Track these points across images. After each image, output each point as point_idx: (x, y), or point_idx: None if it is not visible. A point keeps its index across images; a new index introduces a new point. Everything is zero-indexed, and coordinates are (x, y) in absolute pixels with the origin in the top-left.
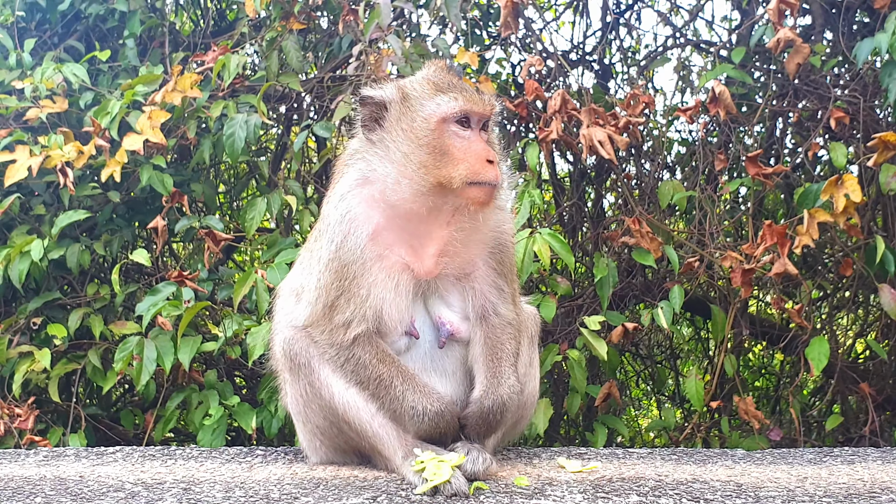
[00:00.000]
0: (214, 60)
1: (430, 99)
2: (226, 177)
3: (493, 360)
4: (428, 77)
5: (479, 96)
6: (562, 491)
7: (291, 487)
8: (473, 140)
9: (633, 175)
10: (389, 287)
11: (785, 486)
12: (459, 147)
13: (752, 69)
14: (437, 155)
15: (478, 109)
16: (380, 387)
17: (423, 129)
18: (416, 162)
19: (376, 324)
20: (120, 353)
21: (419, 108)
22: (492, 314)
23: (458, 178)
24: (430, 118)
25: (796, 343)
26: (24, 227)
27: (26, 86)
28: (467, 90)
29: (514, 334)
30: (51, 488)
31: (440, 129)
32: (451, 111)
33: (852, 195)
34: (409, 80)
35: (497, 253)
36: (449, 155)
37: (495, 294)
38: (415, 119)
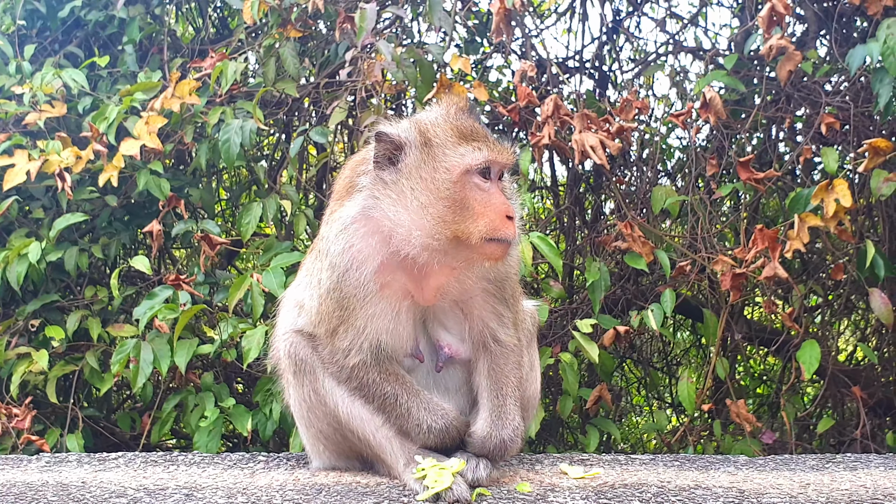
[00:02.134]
0: (212, 67)
1: (454, 148)
2: (228, 183)
3: (497, 397)
4: (450, 122)
5: (502, 145)
6: (564, 497)
7: (294, 493)
8: (494, 193)
9: (624, 180)
10: (390, 317)
11: (787, 493)
12: (480, 200)
13: (746, 76)
14: (457, 209)
15: (501, 160)
16: (385, 403)
17: (445, 180)
18: (435, 215)
19: (376, 353)
20: (117, 356)
21: (442, 157)
22: (491, 341)
23: (477, 234)
24: (453, 169)
25: (788, 347)
26: (22, 231)
27: (26, 91)
28: (489, 139)
29: (517, 363)
30: (53, 494)
31: (462, 181)
32: (475, 162)
33: (843, 200)
34: (431, 123)
35: (499, 283)
36: (469, 209)
37: (495, 320)
38: (437, 169)
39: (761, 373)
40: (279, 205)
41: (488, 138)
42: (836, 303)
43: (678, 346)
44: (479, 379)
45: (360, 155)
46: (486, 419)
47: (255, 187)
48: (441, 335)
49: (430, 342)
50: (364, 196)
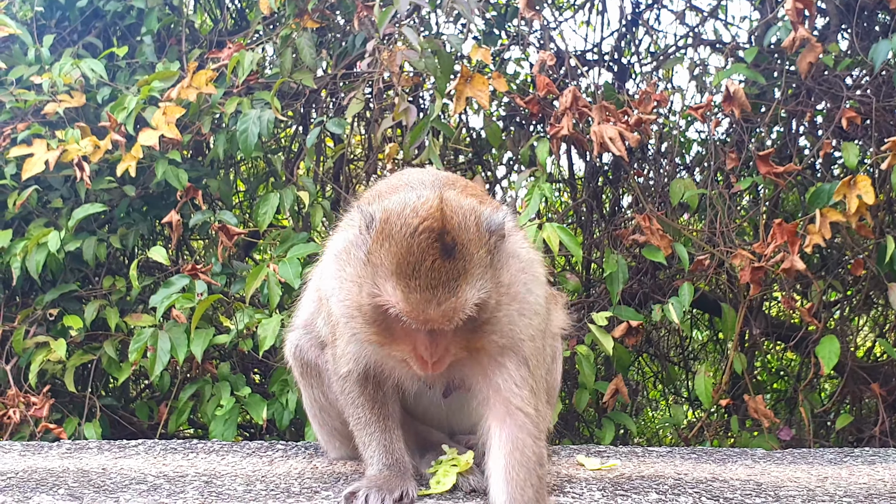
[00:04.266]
0: (229, 57)
1: (384, 279)
2: (246, 175)
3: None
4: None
5: (431, 308)
6: (581, 488)
7: (312, 481)
8: (419, 337)
9: (642, 172)
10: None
11: (805, 486)
12: (404, 330)
13: (767, 69)
14: (378, 326)
15: (420, 319)
16: (357, 423)
17: (367, 300)
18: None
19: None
20: (134, 344)
21: (372, 275)
22: (498, 403)
23: (398, 354)
24: (371, 296)
25: (807, 342)
26: (41, 220)
27: (44, 81)
28: (426, 287)
29: (533, 437)
30: (74, 480)
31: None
32: (391, 310)
33: (865, 196)
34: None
35: (514, 347)
36: (392, 333)
37: (503, 378)
38: (362, 285)
39: (779, 368)
40: (296, 196)
41: (422, 287)
42: (855, 298)
43: (696, 341)
44: (493, 455)
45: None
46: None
47: (272, 179)
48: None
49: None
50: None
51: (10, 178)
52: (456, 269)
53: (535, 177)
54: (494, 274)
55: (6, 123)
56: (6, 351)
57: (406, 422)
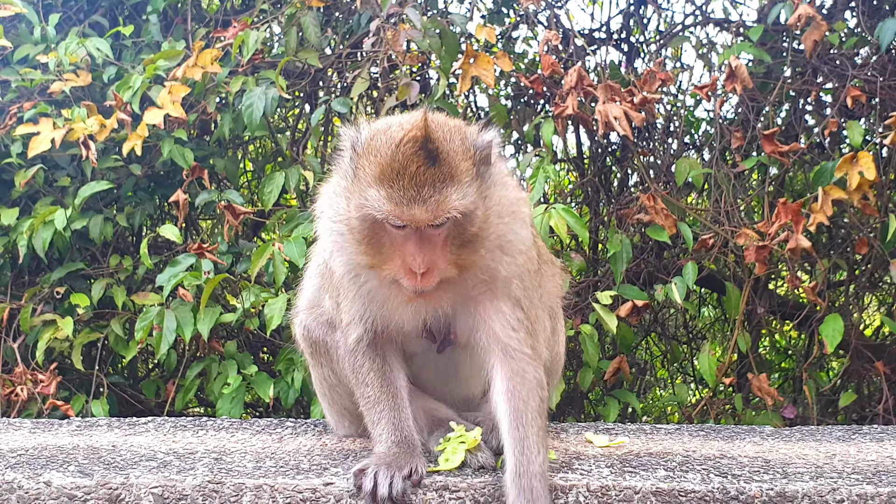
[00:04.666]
0: (234, 36)
1: (366, 188)
2: (253, 155)
3: (518, 429)
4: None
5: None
6: (589, 465)
7: (321, 458)
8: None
9: (647, 152)
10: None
11: (813, 463)
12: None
13: (773, 48)
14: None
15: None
16: (367, 402)
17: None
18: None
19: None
20: (141, 323)
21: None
22: (496, 347)
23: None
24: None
25: (811, 321)
26: (48, 199)
27: (51, 60)
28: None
29: (536, 380)
30: (84, 457)
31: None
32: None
33: (867, 173)
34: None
35: (504, 285)
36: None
37: (499, 323)
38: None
39: (786, 347)
40: (301, 175)
41: (407, 189)
42: (862, 278)
43: (703, 320)
44: (496, 398)
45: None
46: (512, 455)
47: (280, 158)
48: (452, 323)
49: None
50: (332, 180)
51: (16, 156)
52: (441, 174)
53: (541, 156)
54: (481, 188)
55: (12, 102)
56: (13, 329)
57: (414, 399)
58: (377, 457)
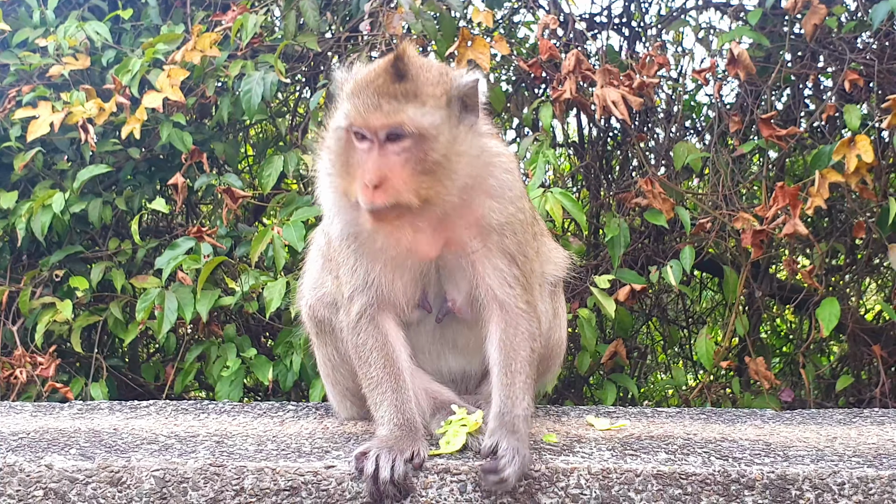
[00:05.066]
0: (233, 20)
1: (341, 104)
2: (254, 139)
3: (506, 375)
4: (365, 75)
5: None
6: (590, 448)
7: (322, 441)
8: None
9: (645, 136)
10: (382, 260)
11: (814, 446)
12: (356, 162)
13: (772, 32)
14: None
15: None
16: (369, 383)
17: (333, 134)
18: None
19: (375, 296)
20: (142, 304)
21: (334, 110)
22: (494, 304)
23: (353, 195)
24: (335, 125)
25: (808, 305)
26: (47, 182)
27: (50, 43)
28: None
29: (528, 332)
30: (85, 440)
31: (345, 138)
32: (342, 123)
33: (864, 156)
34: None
35: (496, 236)
36: (349, 168)
37: (496, 279)
38: (331, 122)
39: (787, 332)
40: (301, 159)
41: (369, 97)
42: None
43: (702, 304)
44: (489, 348)
45: None
46: (497, 399)
47: (281, 143)
48: (449, 289)
49: (441, 294)
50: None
51: (15, 140)
52: (405, 90)
53: (540, 141)
54: (450, 121)
55: (11, 86)
56: (13, 312)
57: (417, 380)
58: (379, 440)
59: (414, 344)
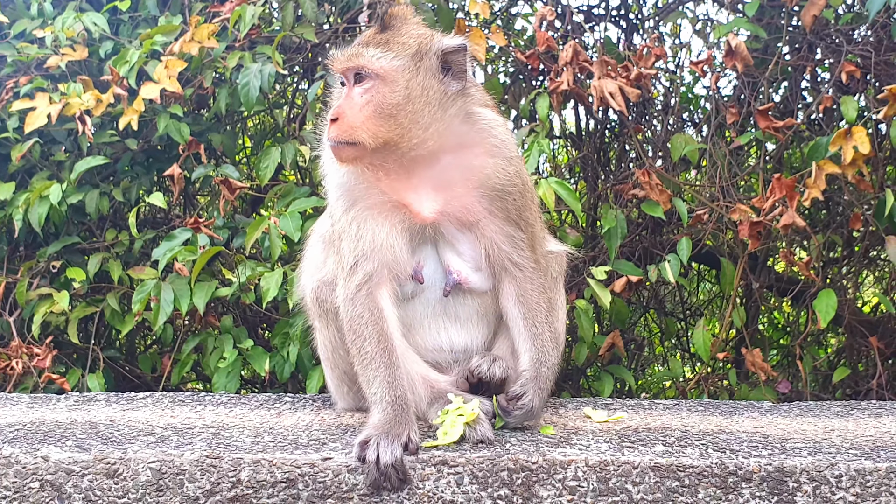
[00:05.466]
0: (231, 11)
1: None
2: (252, 131)
3: (534, 325)
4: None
5: (339, 52)
6: (587, 440)
7: (319, 433)
8: (337, 98)
9: (642, 128)
10: (385, 224)
11: (811, 438)
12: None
13: (769, 23)
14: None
15: (334, 66)
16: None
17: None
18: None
19: (379, 263)
20: (137, 295)
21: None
22: (509, 264)
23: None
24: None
25: (805, 296)
26: (44, 173)
27: (47, 34)
28: (348, 45)
29: (542, 286)
30: (81, 432)
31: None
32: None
33: (861, 147)
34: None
35: (500, 199)
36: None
37: (507, 243)
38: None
39: (785, 324)
40: (298, 150)
41: (352, 46)
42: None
43: (699, 296)
44: (507, 305)
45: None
46: (530, 350)
47: (279, 134)
48: (452, 260)
49: (440, 267)
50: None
51: (12, 131)
52: (381, 39)
53: (536, 131)
54: (417, 71)
55: (9, 77)
56: (9, 303)
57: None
58: (375, 427)
59: (412, 320)
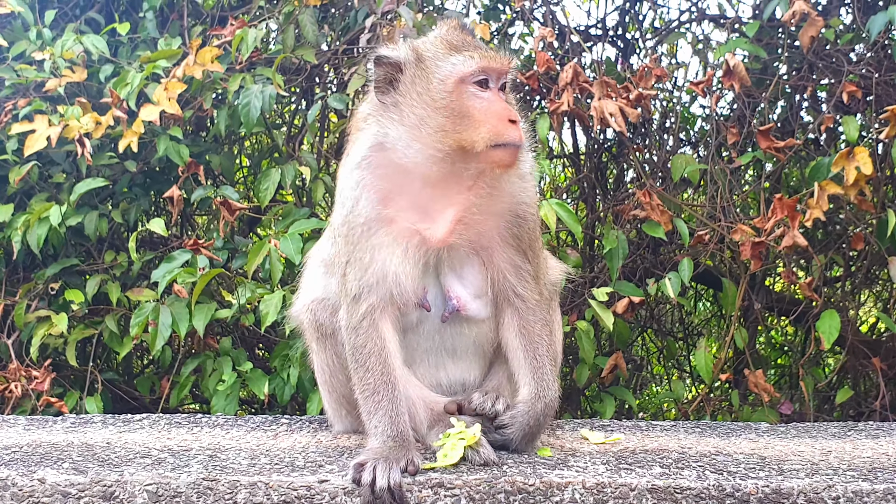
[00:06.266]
0: (232, 34)
1: (446, 59)
2: (250, 151)
3: (535, 358)
4: (442, 36)
5: (496, 53)
6: (585, 462)
7: (316, 455)
8: (493, 100)
9: (643, 148)
10: (397, 253)
11: (808, 460)
12: (479, 108)
13: (768, 44)
14: (456, 118)
15: (496, 66)
16: (365, 389)
17: (440, 90)
18: (433, 126)
19: (385, 294)
20: (136, 319)
21: (435, 69)
22: (512, 295)
23: (481, 141)
24: (447, 79)
25: (807, 317)
26: (43, 195)
27: (46, 57)
28: (483, 48)
29: (544, 320)
30: (78, 454)
31: (459, 91)
32: (468, 70)
33: (863, 168)
34: (423, 40)
35: (515, 226)
36: (469, 117)
37: (514, 273)
38: (431, 81)
39: (784, 343)
40: (297, 171)
41: (480, 48)
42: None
43: (699, 316)
44: (508, 336)
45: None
46: (530, 383)
47: (277, 154)
48: (453, 285)
49: (440, 293)
50: (369, 126)
51: (11, 153)
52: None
53: (535, 152)
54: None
55: (8, 99)
56: (7, 325)
57: (414, 391)
58: (373, 451)
59: (410, 353)
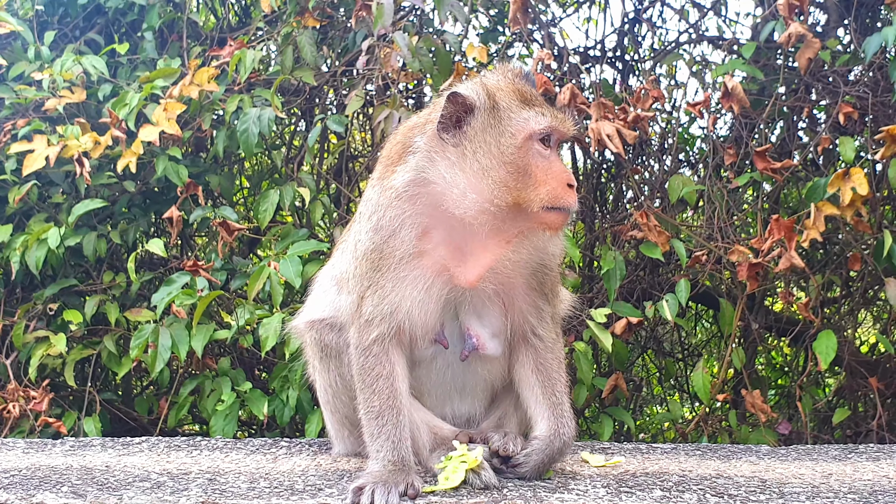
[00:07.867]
0: (231, 55)
1: (518, 112)
2: (249, 171)
3: (553, 395)
4: (513, 86)
5: (564, 116)
6: (585, 485)
7: (316, 479)
8: (554, 161)
9: (641, 169)
10: (419, 287)
11: (809, 483)
12: (541, 167)
13: (766, 65)
14: (519, 175)
15: (562, 129)
16: (369, 412)
17: (510, 144)
18: (496, 179)
19: (401, 324)
20: (135, 341)
21: (507, 120)
22: (531, 336)
23: (538, 201)
24: (517, 133)
25: (805, 337)
26: (41, 216)
27: (45, 77)
28: (550, 107)
29: (559, 360)
30: (77, 477)
31: (526, 147)
32: (539, 128)
33: (859, 188)
34: (496, 87)
35: (540, 273)
36: (531, 176)
37: (534, 315)
38: (502, 133)
39: (782, 364)
40: (296, 192)
41: (549, 106)
42: (856, 295)
43: (698, 336)
44: (523, 373)
45: (414, 119)
46: (549, 419)
47: (276, 175)
48: (472, 324)
49: (458, 331)
50: (419, 158)
51: (10, 173)
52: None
53: None
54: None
55: (7, 119)
56: (6, 345)
57: (418, 414)
58: (373, 475)
59: (418, 386)
